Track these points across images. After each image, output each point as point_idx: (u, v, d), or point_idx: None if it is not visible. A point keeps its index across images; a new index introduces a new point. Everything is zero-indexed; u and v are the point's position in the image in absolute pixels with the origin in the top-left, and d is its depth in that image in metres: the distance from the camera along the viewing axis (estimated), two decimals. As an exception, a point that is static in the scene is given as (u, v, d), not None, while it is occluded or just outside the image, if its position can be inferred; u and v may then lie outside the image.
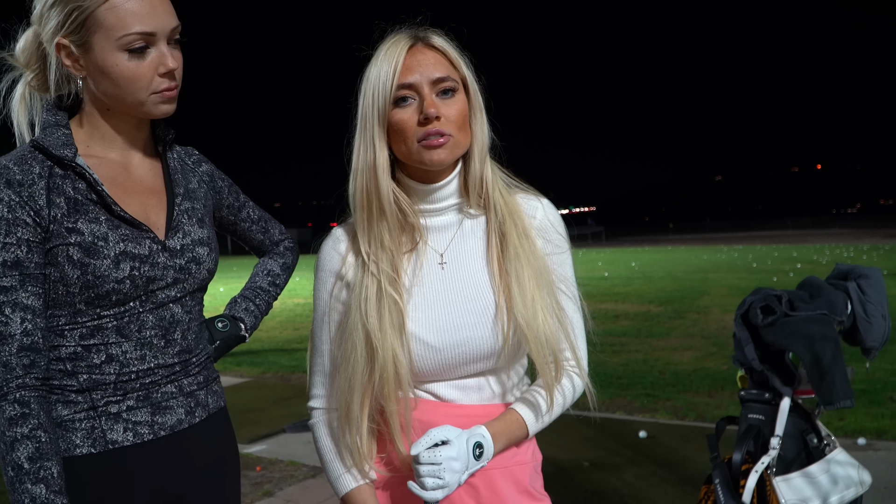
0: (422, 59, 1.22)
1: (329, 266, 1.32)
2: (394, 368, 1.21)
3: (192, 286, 1.29)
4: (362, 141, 1.24)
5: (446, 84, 1.22)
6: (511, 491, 1.28)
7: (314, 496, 3.76)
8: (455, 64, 1.25)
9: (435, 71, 1.21)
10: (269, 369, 7.27)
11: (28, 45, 1.24)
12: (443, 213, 1.31)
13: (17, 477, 1.09)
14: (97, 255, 1.16)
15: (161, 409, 1.25)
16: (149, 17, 1.16)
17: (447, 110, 1.21)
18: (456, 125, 1.22)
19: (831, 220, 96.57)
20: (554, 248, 1.32)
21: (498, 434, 1.24)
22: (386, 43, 1.24)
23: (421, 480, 1.17)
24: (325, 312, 1.32)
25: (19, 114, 1.27)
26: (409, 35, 1.24)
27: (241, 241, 1.58)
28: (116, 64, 1.17)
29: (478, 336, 1.24)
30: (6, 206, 1.13)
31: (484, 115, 1.28)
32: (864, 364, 2.74)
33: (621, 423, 4.74)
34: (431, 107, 1.19)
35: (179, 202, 1.30)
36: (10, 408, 1.11)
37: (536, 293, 1.25)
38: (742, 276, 15.52)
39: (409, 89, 1.21)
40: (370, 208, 1.25)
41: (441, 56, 1.24)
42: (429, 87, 1.21)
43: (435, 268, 1.29)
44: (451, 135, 1.21)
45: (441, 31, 1.27)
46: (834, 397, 2.30)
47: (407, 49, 1.22)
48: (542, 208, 1.34)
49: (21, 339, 1.13)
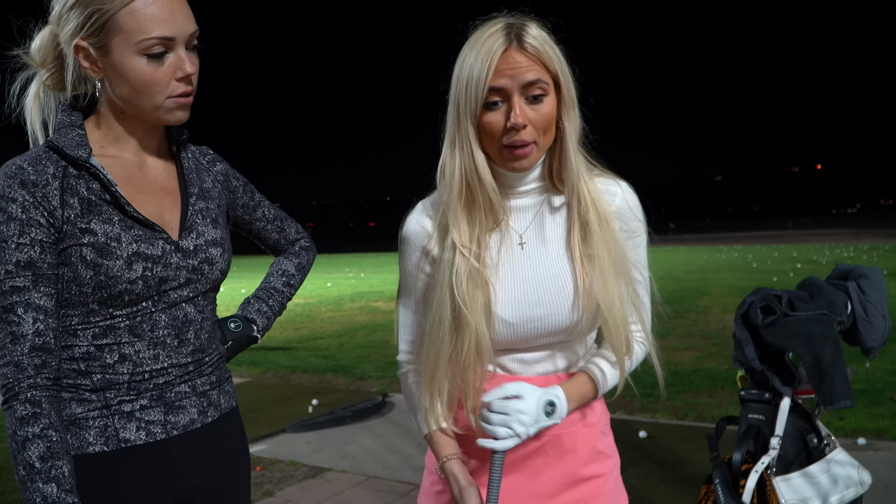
0: (513, 62, 1.22)
1: (415, 240, 1.39)
2: (476, 344, 1.28)
3: (205, 286, 1.30)
4: (458, 130, 1.28)
5: (536, 89, 1.24)
6: (578, 453, 1.36)
7: (314, 496, 3.76)
8: (547, 64, 1.25)
9: (527, 75, 1.22)
10: (269, 369, 7.28)
11: (44, 44, 1.24)
12: (525, 196, 1.35)
13: (28, 476, 1.09)
14: (110, 256, 1.17)
15: (174, 409, 1.25)
16: (168, 22, 1.17)
17: (534, 115, 1.24)
18: (541, 130, 1.26)
19: (831, 220, 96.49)
20: (630, 232, 1.37)
21: (571, 394, 1.31)
22: (481, 35, 1.25)
23: (490, 429, 1.24)
24: (412, 283, 1.40)
25: (33, 112, 1.26)
26: (504, 32, 1.24)
27: (257, 241, 1.58)
28: (134, 68, 1.17)
29: (554, 313, 1.31)
30: (20, 206, 1.14)
31: (576, 108, 1.31)
32: (864, 364, 2.75)
33: (621, 423, 4.75)
34: (518, 117, 1.22)
35: (194, 202, 1.31)
36: (21, 407, 1.11)
37: (613, 278, 1.31)
38: (742, 276, 15.53)
39: (498, 93, 1.23)
40: (468, 194, 1.30)
41: (534, 58, 1.24)
42: (518, 93, 1.23)
43: (515, 248, 1.34)
44: (534, 142, 1.26)
45: (537, 24, 1.27)
46: (834, 397, 2.30)
47: (501, 52, 1.22)
48: (622, 193, 1.37)
49: (33, 340, 1.14)
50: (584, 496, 1.36)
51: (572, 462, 1.36)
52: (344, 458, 4.36)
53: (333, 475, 4.07)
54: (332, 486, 3.89)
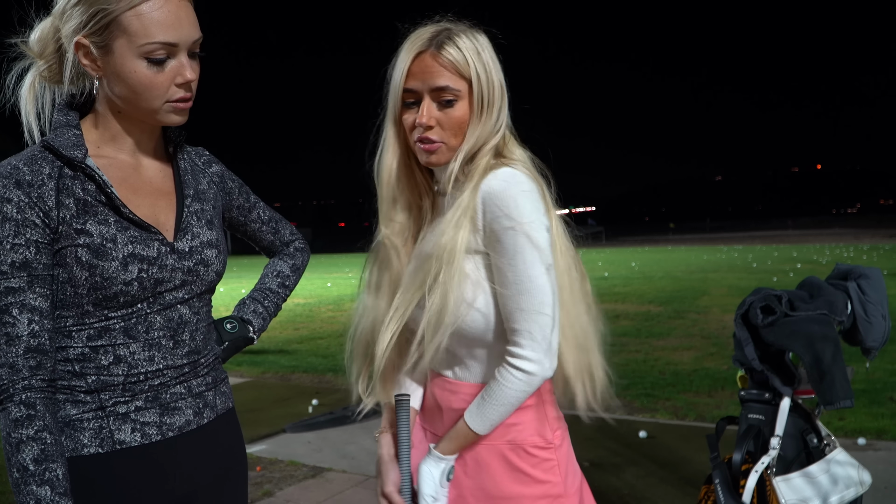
0: (426, 66, 1.30)
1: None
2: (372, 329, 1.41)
3: (200, 288, 1.29)
4: (388, 129, 1.38)
5: (446, 95, 1.30)
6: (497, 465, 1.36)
7: (314, 496, 3.76)
8: (462, 72, 1.30)
9: (436, 81, 1.29)
10: (269, 369, 7.28)
11: (44, 36, 1.23)
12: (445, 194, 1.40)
13: (22, 478, 1.09)
14: (105, 257, 1.17)
15: (169, 410, 1.25)
16: (173, 28, 1.16)
17: (443, 118, 1.31)
18: (451, 132, 1.32)
19: (831, 220, 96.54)
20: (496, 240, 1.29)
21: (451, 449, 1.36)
22: (410, 38, 1.33)
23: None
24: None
25: (28, 103, 1.26)
26: (429, 37, 1.31)
27: (252, 242, 1.58)
28: (135, 70, 1.17)
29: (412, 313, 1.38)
30: (15, 206, 1.13)
31: (493, 112, 1.33)
32: (864, 364, 2.74)
33: (621, 423, 4.74)
34: (423, 117, 1.30)
35: (189, 204, 1.31)
36: (15, 409, 1.11)
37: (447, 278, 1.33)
38: (742, 276, 15.52)
39: (412, 94, 1.32)
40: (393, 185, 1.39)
41: (448, 64, 1.30)
42: (429, 96, 1.30)
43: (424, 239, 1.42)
44: (443, 142, 1.32)
45: (463, 31, 1.32)
46: (834, 397, 2.30)
47: (415, 55, 1.31)
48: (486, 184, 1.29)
49: (28, 341, 1.13)
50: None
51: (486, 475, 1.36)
52: (344, 458, 4.36)
53: (333, 475, 4.07)
54: (332, 486, 3.89)
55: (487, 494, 1.35)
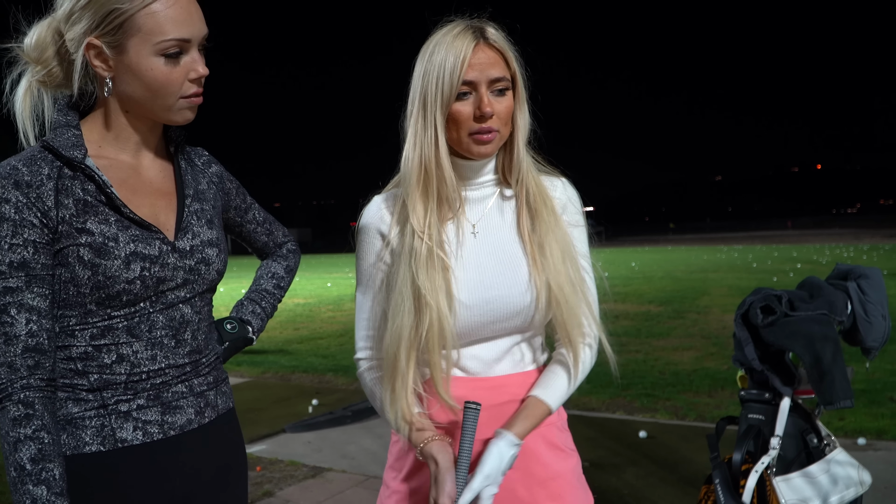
0: (483, 57, 1.33)
1: (374, 231, 1.43)
2: (439, 325, 1.31)
3: (202, 287, 1.30)
4: (423, 120, 1.35)
5: (501, 84, 1.34)
6: (541, 448, 1.40)
7: (314, 496, 3.76)
8: (509, 63, 1.35)
9: (493, 71, 1.33)
10: (269, 369, 7.28)
11: (41, 40, 1.23)
12: (479, 188, 1.43)
13: (19, 478, 1.09)
14: (108, 256, 1.17)
15: (171, 409, 1.25)
16: (186, 24, 1.18)
17: (499, 107, 1.34)
18: (503, 121, 1.36)
19: (831, 220, 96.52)
20: (572, 225, 1.44)
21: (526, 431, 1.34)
22: (447, 33, 1.34)
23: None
24: (371, 275, 1.43)
25: (24, 108, 1.25)
26: (471, 30, 1.33)
27: (245, 243, 1.59)
28: (151, 68, 1.18)
29: (508, 295, 1.36)
30: (13, 207, 1.13)
31: (526, 106, 1.40)
32: (864, 364, 2.74)
33: (621, 423, 4.75)
34: (488, 106, 1.32)
35: (189, 203, 1.31)
36: (14, 408, 1.11)
37: (561, 262, 1.38)
38: (742, 276, 15.53)
39: (469, 85, 1.33)
40: (427, 182, 1.36)
41: (499, 55, 1.34)
42: (486, 86, 1.33)
43: (468, 236, 1.41)
44: (498, 130, 1.35)
45: (496, 26, 1.36)
46: (834, 397, 2.30)
47: (473, 46, 1.32)
48: (562, 186, 1.47)
49: (26, 340, 1.14)
50: (550, 496, 1.38)
51: (534, 460, 1.39)
52: (344, 458, 4.36)
53: (333, 475, 4.07)
54: (332, 486, 3.89)
55: (537, 479, 1.38)
